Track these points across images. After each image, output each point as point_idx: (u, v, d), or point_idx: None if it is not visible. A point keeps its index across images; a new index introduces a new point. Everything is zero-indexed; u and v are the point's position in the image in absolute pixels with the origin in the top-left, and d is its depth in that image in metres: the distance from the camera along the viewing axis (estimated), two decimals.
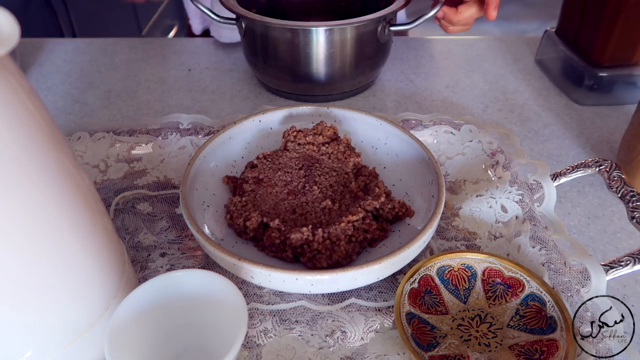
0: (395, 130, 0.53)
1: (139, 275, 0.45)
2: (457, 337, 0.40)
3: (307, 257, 0.44)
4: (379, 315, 0.42)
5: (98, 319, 0.36)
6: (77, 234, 0.33)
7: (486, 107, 0.70)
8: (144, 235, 0.49)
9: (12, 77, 0.28)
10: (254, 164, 0.52)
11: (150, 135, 0.59)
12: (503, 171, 0.53)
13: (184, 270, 0.39)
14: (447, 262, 0.44)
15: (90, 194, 0.35)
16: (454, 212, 0.51)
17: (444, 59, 0.80)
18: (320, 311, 0.42)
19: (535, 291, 0.41)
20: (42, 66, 0.79)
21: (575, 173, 0.50)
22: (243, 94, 0.73)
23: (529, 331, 0.40)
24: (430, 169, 0.49)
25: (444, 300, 0.42)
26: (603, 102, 0.69)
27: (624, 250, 0.48)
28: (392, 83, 0.74)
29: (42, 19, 1.13)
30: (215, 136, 0.52)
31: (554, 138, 0.64)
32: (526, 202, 0.49)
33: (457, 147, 0.57)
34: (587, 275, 0.42)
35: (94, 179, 0.55)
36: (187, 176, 0.47)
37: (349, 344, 0.40)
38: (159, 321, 0.38)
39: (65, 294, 0.33)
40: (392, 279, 0.45)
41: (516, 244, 0.46)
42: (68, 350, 0.34)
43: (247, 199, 0.49)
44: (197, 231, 0.42)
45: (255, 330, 0.41)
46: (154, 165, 0.56)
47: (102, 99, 0.71)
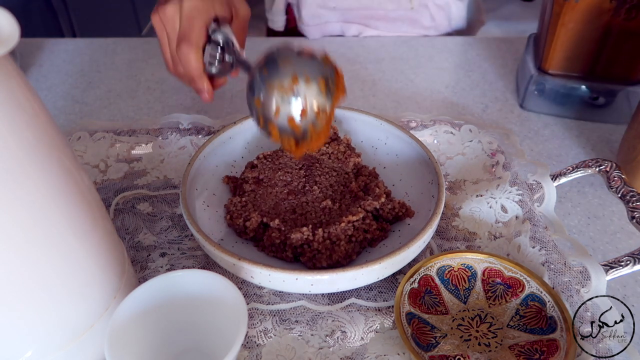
0: (395, 130, 0.53)
1: (139, 275, 0.45)
2: (457, 337, 0.40)
3: (307, 257, 0.44)
4: (379, 315, 0.42)
5: (98, 319, 0.36)
6: (77, 234, 0.33)
7: (486, 107, 0.70)
8: (144, 235, 0.49)
9: (12, 77, 0.28)
10: (254, 164, 0.52)
11: (150, 135, 0.59)
12: (503, 171, 0.53)
13: (184, 270, 0.39)
14: (447, 262, 0.44)
15: (90, 194, 0.35)
16: (454, 212, 0.51)
17: (444, 59, 0.80)
18: (320, 311, 0.42)
19: (535, 291, 0.41)
20: (42, 66, 0.79)
21: (575, 173, 0.50)
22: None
23: (529, 331, 0.40)
24: (430, 169, 0.49)
25: (444, 300, 0.42)
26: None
27: (624, 250, 0.48)
28: (392, 83, 0.74)
29: (42, 19, 1.13)
30: (215, 136, 0.52)
31: (554, 138, 0.64)
32: (526, 202, 0.49)
33: (457, 147, 0.57)
34: (587, 275, 0.42)
35: (94, 179, 0.55)
36: (187, 176, 0.47)
37: (349, 344, 0.40)
38: (159, 321, 0.38)
39: (65, 294, 0.33)
40: (392, 279, 0.45)
41: (516, 244, 0.46)
42: (68, 350, 0.34)
43: (247, 199, 0.49)
44: (197, 231, 0.42)
45: (255, 330, 0.41)
46: (154, 165, 0.56)
47: (102, 99, 0.71)
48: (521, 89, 0.69)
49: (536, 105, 0.68)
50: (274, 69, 0.41)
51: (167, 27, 0.50)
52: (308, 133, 0.42)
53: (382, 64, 0.78)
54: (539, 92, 0.67)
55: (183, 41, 0.49)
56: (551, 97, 0.67)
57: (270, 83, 0.41)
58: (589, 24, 0.60)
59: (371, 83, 0.74)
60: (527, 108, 0.69)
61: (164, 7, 0.49)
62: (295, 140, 0.42)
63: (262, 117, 0.42)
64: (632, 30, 0.59)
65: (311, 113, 0.41)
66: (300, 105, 0.41)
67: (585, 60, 0.63)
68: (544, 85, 0.66)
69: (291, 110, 0.41)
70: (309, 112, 0.41)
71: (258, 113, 0.42)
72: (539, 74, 0.66)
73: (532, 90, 0.67)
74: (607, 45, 0.61)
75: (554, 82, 0.65)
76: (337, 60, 0.43)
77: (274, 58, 0.42)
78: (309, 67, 0.41)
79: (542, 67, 0.66)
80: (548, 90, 0.66)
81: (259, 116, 0.43)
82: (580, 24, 0.60)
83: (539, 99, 0.67)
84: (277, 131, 0.42)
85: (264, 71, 0.42)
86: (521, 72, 0.71)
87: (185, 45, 0.48)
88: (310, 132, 0.42)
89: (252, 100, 0.43)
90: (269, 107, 0.41)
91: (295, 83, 0.40)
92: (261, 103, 0.42)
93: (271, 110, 0.41)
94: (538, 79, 0.66)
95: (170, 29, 0.50)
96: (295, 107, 0.41)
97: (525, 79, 0.68)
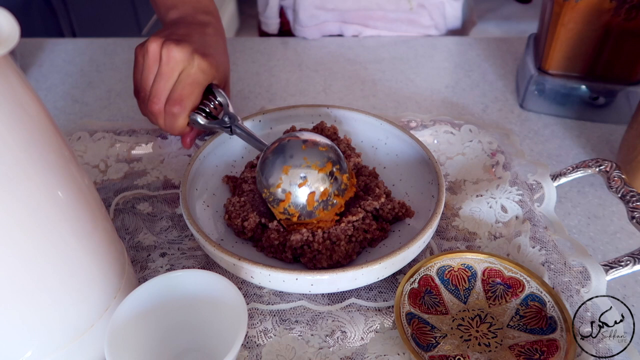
0: (395, 130, 0.53)
1: (139, 275, 0.45)
2: (457, 337, 0.40)
3: (307, 257, 0.44)
4: (379, 315, 0.42)
5: (98, 319, 0.36)
6: (77, 234, 0.33)
7: (486, 107, 0.70)
8: (144, 235, 0.49)
9: (12, 77, 0.28)
10: (253, 163, 0.52)
11: (150, 135, 0.59)
12: (503, 171, 0.53)
13: (184, 270, 0.39)
14: (447, 262, 0.44)
15: (90, 194, 0.35)
16: (454, 212, 0.51)
17: (444, 59, 0.80)
18: (320, 311, 0.42)
19: (535, 291, 0.41)
20: (42, 66, 0.79)
21: (575, 173, 0.50)
22: (243, 94, 0.73)
23: (529, 331, 0.40)
24: (430, 169, 0.49)
25: (444, 300, 0.42)
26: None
27: (624, 250, 0.48)
28: (392, 83, 0.74)
29: (42, 19, 1.13)
30: (215, 136, 0.52)
31: (554, 138, 0.64)
32: (526, 202, 0.49)
33: (457, 147, 0.57)
34: (587, 275, 0.42)
35: (94, 179, 0.55)
36: (187, 176, 0.47)
37: (349, 344, 0.40)
38: (159, 321, 0.38)
39: (65, 294, 0.33)
40: (392, 279, 0.45)
41: (516, 244, 0.46)
42: (68, 350, 0.34)
43: (245, 199, 0.48)
44: (197, 231, 0.42)
45: (255, 330, 0.41)
46: (154, 165, 0.56)
47: (102, 99, 0.71)
48: (521, 89, 0.69)
49: (536, 105, 0.68)
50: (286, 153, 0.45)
51: (165, 66, 0.48)
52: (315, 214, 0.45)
53: (382, 64, 0.78)
54: (539, 92, 0.67)
55: (178, 104, 0.48)
56: (551, 97, 0.67)
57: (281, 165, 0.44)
58: (589, 24, 0.60)
59: (371, 83, 0.74)
60: (527, 108, 0.69)
61: (172, 46, 0.48)
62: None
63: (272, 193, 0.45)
64: (632, 30, 0.59)
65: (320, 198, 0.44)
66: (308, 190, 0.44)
67: (585, 60, 0.63)
68: (544, 85, 0.66)
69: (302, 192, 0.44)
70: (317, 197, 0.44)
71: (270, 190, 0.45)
72: (539, 74, 0.66)
73: (532, 90, 0.67)
74: (607, 45, 0.61)
75: (554, 82, 0.65)
76: (337, 61, 0.44)
77: (283, 145, 0.45)
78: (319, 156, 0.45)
79: (542, 67, 0.65)
80: (548, 90, 0.66)
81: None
82: (580, 24, 0.60)
83: (539, 99, 0.67)
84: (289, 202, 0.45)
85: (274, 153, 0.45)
86: (521, 72, 0.71)
87: (178, 108, 0.48)
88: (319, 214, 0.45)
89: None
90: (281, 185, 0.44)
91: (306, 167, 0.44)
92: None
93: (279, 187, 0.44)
94: (538, 79, 0.66)
95: (166, 69, 0.48)
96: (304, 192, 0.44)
97: (525, 79, 0.68)
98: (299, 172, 0.44)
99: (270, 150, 0.46)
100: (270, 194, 0.45)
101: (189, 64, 0.48)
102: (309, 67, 0.77)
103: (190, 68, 0.48)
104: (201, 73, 0.49)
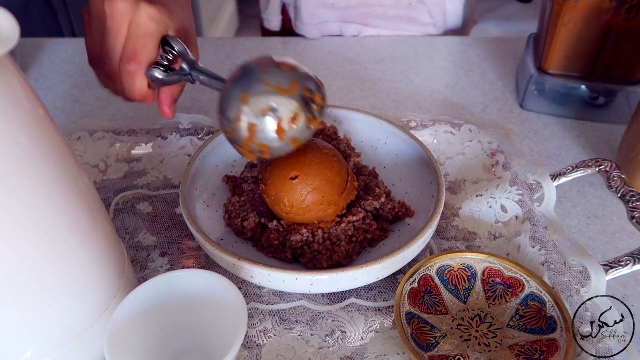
0: (395, 130, 0.53)
1: (139, 275, 0.45)
2: (457, 337, 0.40)
3: (307, 258, 0.44)
4: (379, 315, 0.42)
5: (98, 319, 0.36)
6: (77, 234, 0.33)
7: (486, 107, 0.70)
8: (144, 235, 0.49)
9: (12, 77, 0.28)
10: (253, 163, 0.52)
11: (150, 135, 0.59)
12: (503, 171, 0.53)
13: (184, 270, 0.39)
14: (447, 262, 0.44)
15: (90, 194, 0.35)
16: (454, 212, 0.51)
17: (444, 59, 0.80)
18: (320, 311, 0.42)
19: (535, 291, 0.41)
20: (42, 66, 0.78)
21: (575, 173, 0.50)
22: None
23: (529, 331, 0.40)
24: (430, 169, 0.49)
25: (444, 300, 0.42)
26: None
27: (624, 250, 0.48)
28: (392, 83, 0.74)
29: (42, 19, 1.13)
30: (215, 136, 0.52)
31: (554, 138, 0.64)
32: (526, 202, 0.49)
33: (457, 147, 0.57)
34: (587, 275, 0.42)
35: (94, 179, 0.55)
36: (187, 176, 0.47)
37: (349, 344, 0.40)
38: (159, 321, 0.38)
39: (65, 294, 0.33)
40: (392, 279, 0.45)
41: (516, 244, 0.46)
42: (68, 350, 0.34)
43: (245, 199, 0.49)
44: (197, 231, 0.42)
45: (255, 330, 0.41)
46: (154, 165, 0.56)
47: (102, 99, 0.71)
48: (521, 89, 0.69)
49: (536, 105, 0.68)
50: (271, 73, 0.40)
51: (110, 21, 0.42)
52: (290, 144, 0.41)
53: (382, 64, 0.78)
54: (539, 92, 0.67)
55: (132, 60, 0.43)
56: (551, 97, 0.67)
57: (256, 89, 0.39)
58: (589, 24, 0.60)
59: (371, 83, 0.74)
60: (527, 108, 0.69)
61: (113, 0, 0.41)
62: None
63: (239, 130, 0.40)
64: (632, 30, 0.59)
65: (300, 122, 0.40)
66: (289, 113, 0.39)
67: (585, 60, 0.63)
68: (544, 85, 0.66)
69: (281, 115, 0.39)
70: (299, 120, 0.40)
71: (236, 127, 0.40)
72: (539, 74, 0.66)
73: (532, 90, 0.67)
74: (607, 45, 0.61)
75: (554, 82, 0.65)
76: (337, 60, 0.43)
77: (251, 68, 0.40)
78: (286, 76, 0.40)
79: (542, 67, 0.65)
80: (548, 90, 0.66)
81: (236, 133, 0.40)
82: (580, 24, 0.60)
83: (539, 99, 0.67)
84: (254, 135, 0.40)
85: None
86: (521, 72, 0.71)
87: (134, 65, 0.43)
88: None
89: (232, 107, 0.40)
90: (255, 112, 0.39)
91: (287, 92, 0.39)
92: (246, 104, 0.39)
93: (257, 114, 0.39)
94: (538, 79, 0.66)
95: (113, 24, 0.42)
96: (284, 112, 0.39)
97: (525, 79, 0.68)
98: (261, 99, 0.38)
99: (227, 83, 0.40)
100: (233, 132, 0.40)
101: (136, 14, 0.42)
102: (309, 66, 0.77)
103: (139, 18, 0.42)
104: (152, 22, 0.43)
